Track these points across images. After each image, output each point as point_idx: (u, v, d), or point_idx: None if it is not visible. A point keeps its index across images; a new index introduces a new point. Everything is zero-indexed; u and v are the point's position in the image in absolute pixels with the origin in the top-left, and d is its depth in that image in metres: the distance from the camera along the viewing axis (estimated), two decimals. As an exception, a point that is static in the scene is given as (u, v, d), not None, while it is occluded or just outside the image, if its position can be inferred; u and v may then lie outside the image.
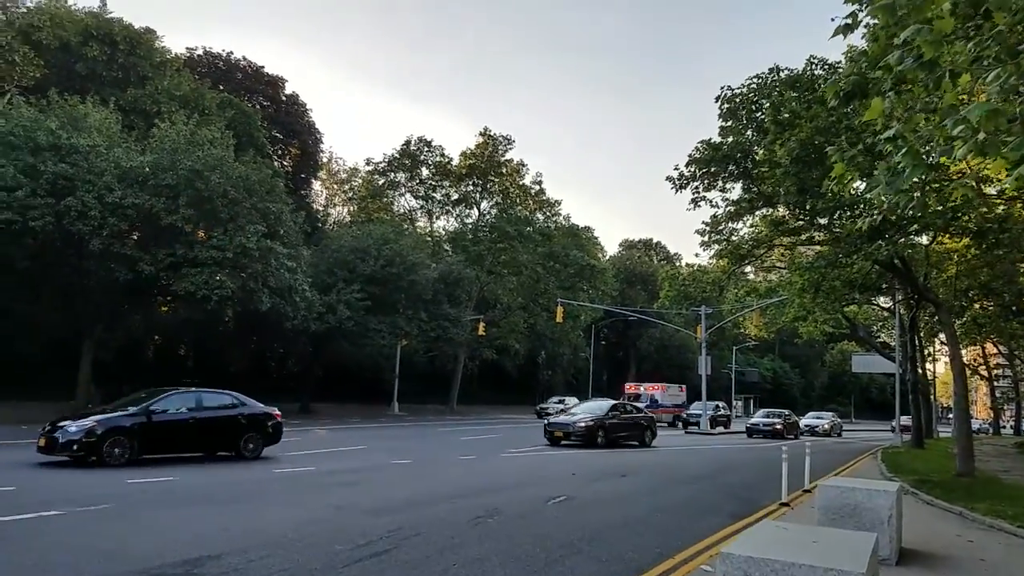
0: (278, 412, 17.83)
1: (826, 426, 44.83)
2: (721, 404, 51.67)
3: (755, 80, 22.12)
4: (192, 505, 10.40)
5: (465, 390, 54.94)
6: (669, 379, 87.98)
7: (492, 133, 57.06)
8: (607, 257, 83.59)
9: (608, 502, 12.35)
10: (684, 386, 52.16)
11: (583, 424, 24.51)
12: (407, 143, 56.47)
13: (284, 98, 50.17)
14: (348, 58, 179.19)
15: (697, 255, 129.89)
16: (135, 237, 26.27)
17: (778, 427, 37.67)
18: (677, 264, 71.75)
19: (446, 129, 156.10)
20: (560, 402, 51.03)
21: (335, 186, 63.32)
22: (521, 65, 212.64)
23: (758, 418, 40.58)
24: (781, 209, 24.55)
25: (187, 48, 49.16)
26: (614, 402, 26.57)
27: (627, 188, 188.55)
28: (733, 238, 27.08)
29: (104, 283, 26.92)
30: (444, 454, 19.55)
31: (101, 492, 10.91)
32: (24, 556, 7.06)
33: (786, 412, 42.30)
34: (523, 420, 43.16)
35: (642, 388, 48.40)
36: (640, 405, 39.43)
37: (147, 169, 25.87)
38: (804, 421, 45.03)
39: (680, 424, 44.88)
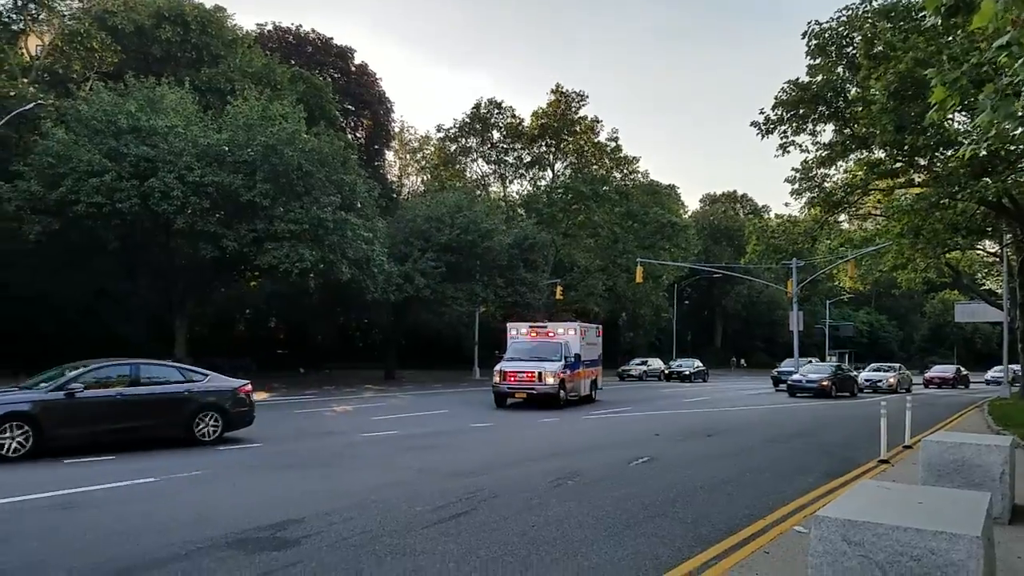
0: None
1: (891, 380, 38.95)
2: (814, 360, 49.58)
3: (845, 12, 20.68)
4: (280, 470, 10.61)
5: (545, 354, 54.95)
6: (762, 338, 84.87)
7: (564, 90, 55.63)
8: (689, 213, 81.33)
9: (693, 463, 11.91)
10: (600, 328, 30.36)
11: None
12: (477, 107, 55.95)
13: (354, 69, 50.47)
14: (413, 23, 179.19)
15: (787, 205, 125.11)
16: (218, 215, 27.05)
17: (824, 384, 31.92)
18: (765, 216, 69.08)
19: (517, 90, 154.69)
20: (643, 363, 50.36)
21: (408, 156, 63.77)
22: (591, 18, 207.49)
23: (801, 374, 34.06)
24: (877, 150, 23.05)
25: (257, 24, 50.10)
26: (95, 366, 12.59)
27: (709, 140, 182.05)
28: (825, 184, 25.84)
29: (192, 260, 28.05)
30: (525, 418, 19.45)
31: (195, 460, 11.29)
32: (116, 523, 7.26)
33: (839, 366, 37.56)
34: (605, 382, 42.70)
35: (550, 330, 25.93)
36: (521, 367, 22.86)
37: (224, 147, 26.52)
38: (864, 376, 39.72)
39: (594, 394, 27.04)
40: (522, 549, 6.41)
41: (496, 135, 57.02)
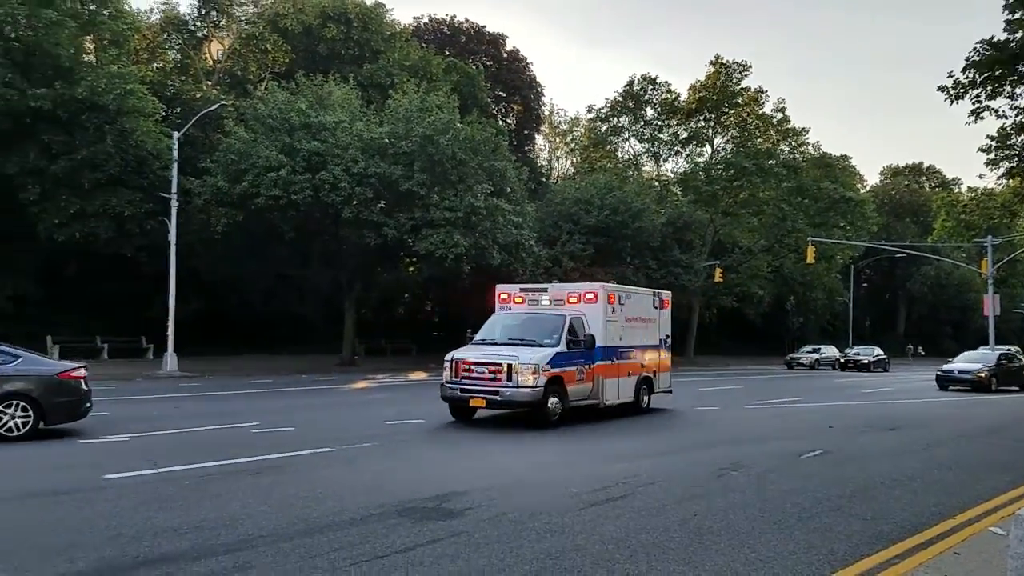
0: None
1: None
2: (1015, 349, 43.87)
3: (1051, -44, 17.97)
4: (442, 445, 11.00)
5: (703, 339, 52.82)
6: (951, 324, 75.29)
7: (724, 60, 52.58)
8: (867, 187, 74.94)
9: (873, 457, 11.00)
10: (668, 296, 19.07)
11: None
12: (630, 83, 54.37)
13: (505, 55, 51.23)
14: (563, 3, 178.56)
15: (981, 177, 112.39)
16: (380, 204, 28.53)
17: (981, 375, 27.37)
18: (955, 190, 62.35)
19: (672, 66, 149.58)
20: (814, 351, 47.37)
21: (557, 139, 63.76)
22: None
23: (957, 363, 29.97)
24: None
25: (414, 18, 52.11)
26: None
27: (888, 108, 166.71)
28: (1027, 153, 22.84)
29: (358, 247, 29.85)
30: (682, 405, 18.89)
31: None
32: (300, 488, 7.79)
33: (1007, 354, 31.69)
34: (770, 371, 40.71)
35: (553, 296, 15.79)
36: (485, 355, 13.51)
37: (385, 139, 27.89)
38: None
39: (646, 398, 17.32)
40: (684, 537, 6.17)
41: (650, 112, 55.26)
